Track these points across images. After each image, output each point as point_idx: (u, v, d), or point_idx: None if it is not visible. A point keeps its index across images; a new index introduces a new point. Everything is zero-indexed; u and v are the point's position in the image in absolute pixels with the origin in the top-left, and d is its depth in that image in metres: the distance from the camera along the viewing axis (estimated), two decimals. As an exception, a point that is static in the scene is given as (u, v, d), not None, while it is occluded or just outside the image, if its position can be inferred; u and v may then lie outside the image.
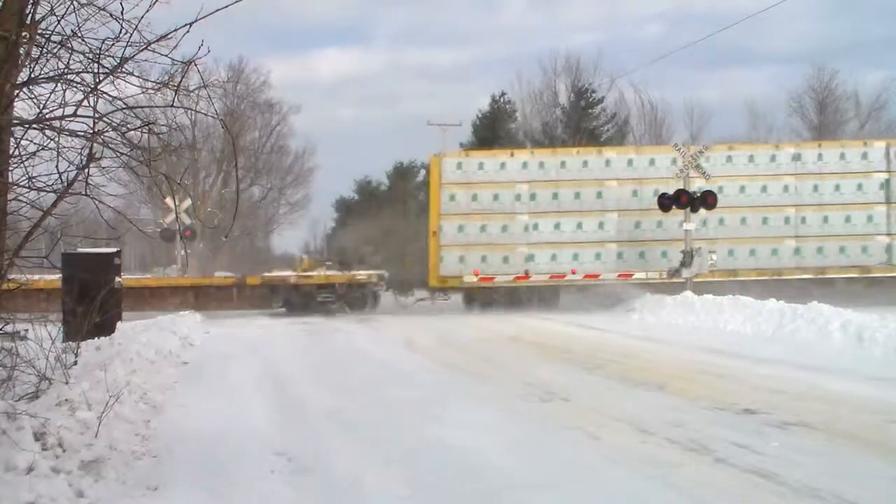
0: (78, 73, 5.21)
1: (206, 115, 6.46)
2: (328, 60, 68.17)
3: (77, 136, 5.25)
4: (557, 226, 19.71)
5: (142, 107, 5.44)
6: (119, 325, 11.33)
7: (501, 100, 43.27)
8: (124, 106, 5.29)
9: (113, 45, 5.04)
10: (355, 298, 19.95)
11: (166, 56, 5.01)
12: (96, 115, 5.11)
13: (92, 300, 8.76)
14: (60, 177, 5.40)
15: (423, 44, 68.89)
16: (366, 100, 69.17)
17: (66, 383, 6.39)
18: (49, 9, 5.19)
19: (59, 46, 5.16)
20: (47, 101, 5.27)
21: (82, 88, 5.19)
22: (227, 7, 4.66)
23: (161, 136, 5.72)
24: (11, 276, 5.78)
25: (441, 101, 62.27)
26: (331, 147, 67.85)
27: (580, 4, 63.57)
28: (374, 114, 67.26)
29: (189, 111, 5.91)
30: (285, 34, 71.50)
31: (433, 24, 67.58)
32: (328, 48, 74.10)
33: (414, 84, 65.24)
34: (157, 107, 5.52)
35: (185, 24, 4.75)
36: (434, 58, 64.60)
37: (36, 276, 6.63)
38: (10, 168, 5.33)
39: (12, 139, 5.26)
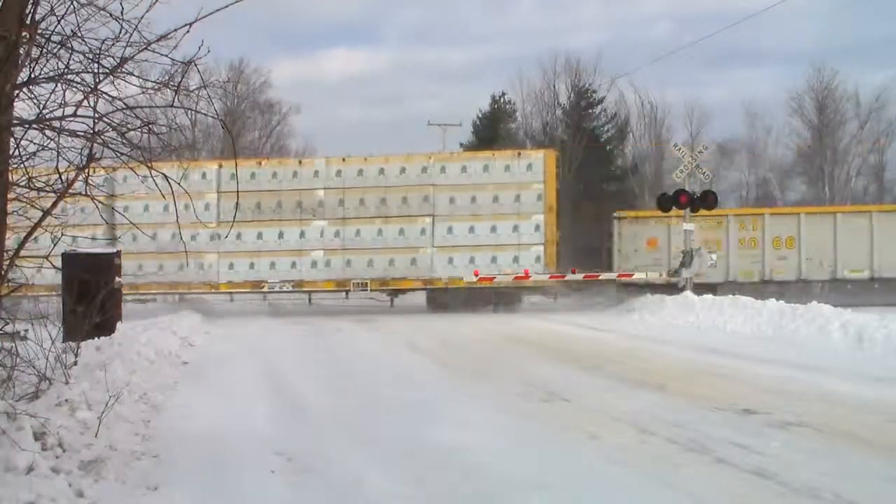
0: (78, 73, 5.20)
1: (206, 115, 6.45)
2: (334, 60, 68.17)
3: (77, 136, 5.24)
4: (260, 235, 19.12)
5: (142, 107, 5.43)
6: (119, 325, 11.32)
7: (501, 100, 43.26)
8: (124, 106, 5.28)
9: (113, 45, 5.05)
10: None
11: (166, 56, 5.01)
12: (96, 115, 5.11)
13: (92, 300, 8.75)
14: (60, 177, 5.40)
15: (428, 44, 68.83)
16: (369, 99, 69.16)
17: (66, 383, 6.38)
18: (49, 9, 5.18)
19: (59, 46, 5.15)
20: (47, 101, 5.26)
21: (82, 88, 5.18)
22: (226, 7, 4.66)
23: (161, 136, 5.72)
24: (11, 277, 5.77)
25: (443, 100, 62.17)
26: (334, 147, 67.84)
27: (583, 4, 63.61)
28: (377, 113, 67.22)
29: (189, 111, 5.90)
30: (292, 34, 71.51)
31: (439, 25, 67.50)
32: (335, 48, 73.99)
33: (417, 84, 65.22)
34: (157, 107, 5.52)
35: (185, 24, 4.75)
36: (439, 58, 64.56)
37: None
38: (10, 168, 5.32)
39: (12, 139, 5.25)
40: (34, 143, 5.36)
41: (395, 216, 19.37)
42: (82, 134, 5.22)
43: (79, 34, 5.07)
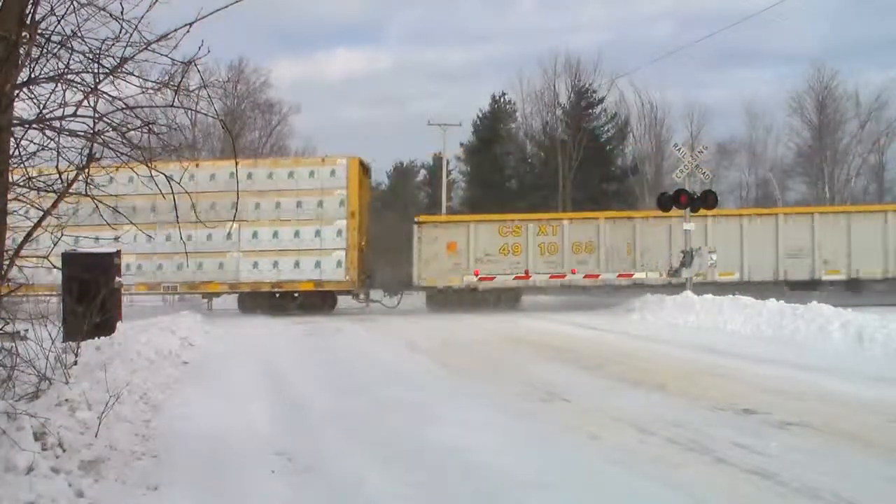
0: (78, 73, 5.20)
1: (206, 115, 6.45)
2: (335, 60, 68.45)
3: (77, 136, 5.25)
4: None
5: (142, 107, 5.43)
6: (119, 325, 11.32)
7: (502, 99, 43.32)
8: (124, 106, 5.28)
9: (113, 45, 5.05)
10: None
11: (166, 56, 5.01)
12: (96, 115, 5.12)
13: (92, 300, 8.75)
14: (60, 177, 5.40)
15: (429, 44, 69.14)
16: (371, 99, 69.48)
17: (66, 383, 6.38)
18: (49, 9, 5.18)
19: (59, 46, 5.15)
20: (47, 101, 5.26)
21: (82, 88, 5.18)
22: (226, 7, 4.66)
23: (161, 136, 5.72)
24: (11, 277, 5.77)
25: (446, 100, 62.53)
26: (335, 147, 67.99)
27: (583, 5, 63.66)
28: (379, 113, 67.53)
29: (189, 111, 5.90)
30: (292, 34, 71.77)
31: (440, 25, 67.81)
32: (336, 48, 74.35)
33: (419, 83, 65.51)
34: (157, 107, 5.52)
35: (185, 24, 4.75)
36: (439, 58, 64.81)
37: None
38: (10, 168, 5.32)
39: (12, 139, 5.25)
40: (34, 143, 5.36)
41: (203, 221, 19.29)
42: (82, 134, 5.22)
43: (79, 34, 5.07)
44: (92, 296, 8.99)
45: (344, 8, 69.66)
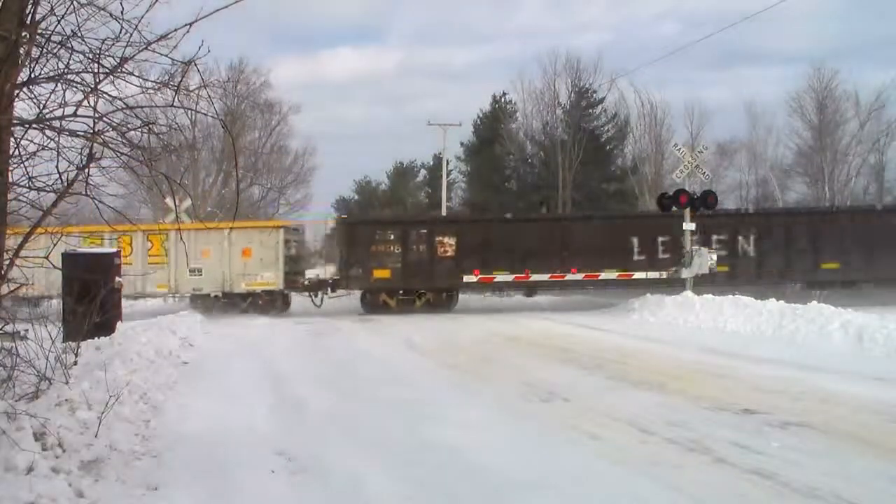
0: (78, 73, 5.20)
1: (206, 115, 6.44)
2: (336, 60, 68.59)
3: (77, 136, 5.24)
4: None
5: (142, 107, 5.42)
6: (119, 325, 11.31)
7: (502, 99, 43.29)
8: (124, 106, 5.28)
9: (113, 45, 5.04)
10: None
11: (166, 56, 5.00)
12: (96, 115, 5.11)
13: (92, 300, 8.75)
14: (60, 177, 5.40)
15: (431, 44, 69.23)
16: (371, 99, 69.54)
17: (66, 383, 6.38)
18: (49, 9, 5.18)
19: (59, 46, 5.15)
20: (47, 101, 5.26)
21: (82, 88, 5.18)
22: (226, 7, 4.67)
23: (161, 136, 5.72)
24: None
25: (446, 100, 62.57)
26: (337, 146, 68.01)
27: (585, 5, 63.72)
28: (380, 113, 67.66)
29: (189, 111, 5.90)
30: (294, 34, 71.87)
31: (443, 25, 67.91)
32: (337, 48, 74.55)
33: (420, 83, 65.53)
34: (157, 107, 5.51)
35: (185, 24, 4.75)
36: (443, 58, 64.93)
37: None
38: (10, 168, 5.32)
39: (12, 139, 5.25)
40: (34, 143, 5.36)
41: None
42: (82, 134, 5.22)
43: (79, 34, 5.06)
44: (92, 296, 8.98)
45: (344, 8, 69.78)
